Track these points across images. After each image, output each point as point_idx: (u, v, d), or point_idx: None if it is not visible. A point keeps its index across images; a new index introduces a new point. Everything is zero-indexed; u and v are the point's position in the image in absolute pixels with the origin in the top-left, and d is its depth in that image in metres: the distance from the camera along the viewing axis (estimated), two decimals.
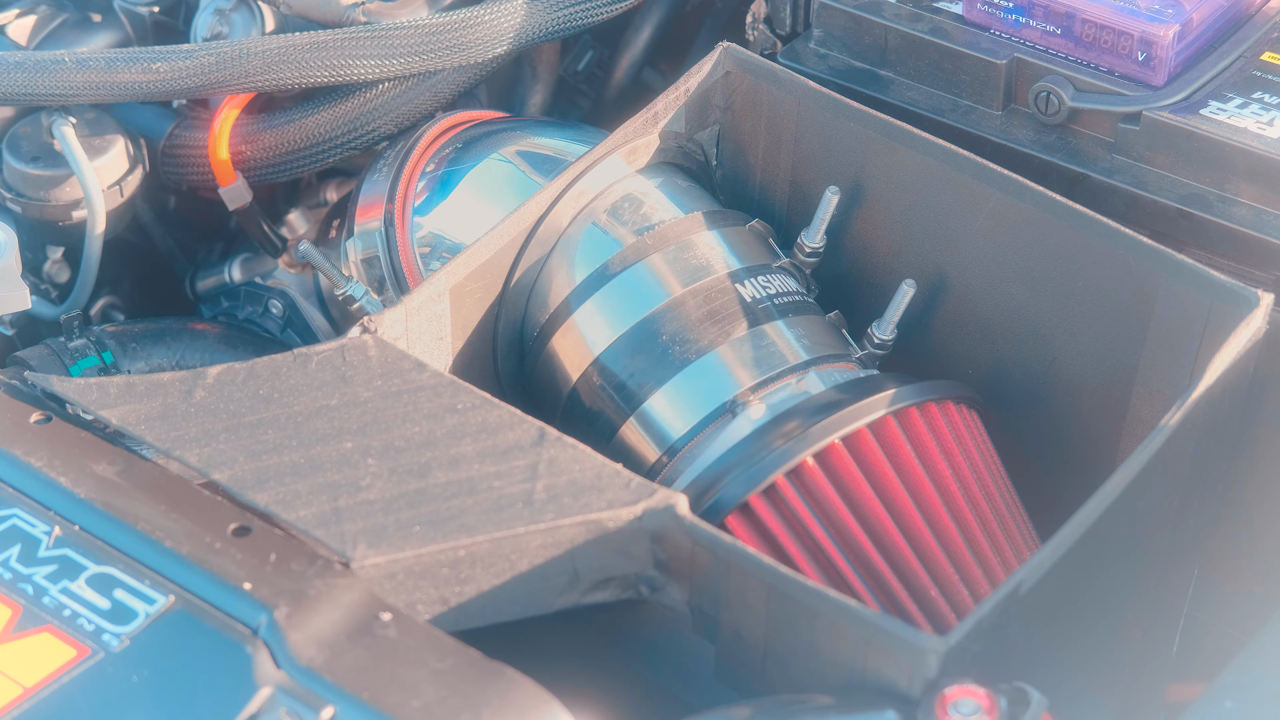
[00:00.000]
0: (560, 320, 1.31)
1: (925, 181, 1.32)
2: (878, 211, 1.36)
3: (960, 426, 1.26)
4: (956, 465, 1.23)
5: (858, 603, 1.05)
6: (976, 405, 1.29)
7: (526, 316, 1.33)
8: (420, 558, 1.09)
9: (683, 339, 1.28)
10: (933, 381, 1.25)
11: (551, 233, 1.32)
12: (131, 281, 1.59)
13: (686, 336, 1.28)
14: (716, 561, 1.10)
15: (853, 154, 1.35)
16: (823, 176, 1.37)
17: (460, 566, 1.10)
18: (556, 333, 1.32)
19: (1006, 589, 1.06)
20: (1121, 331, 1.27)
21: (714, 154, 1.42)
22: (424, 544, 1.09)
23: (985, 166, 1.29)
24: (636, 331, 1.29)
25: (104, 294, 1.56)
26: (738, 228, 1.35)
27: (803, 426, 1.20)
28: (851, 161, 1.35)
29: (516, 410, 1.17)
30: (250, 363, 1.20)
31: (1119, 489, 1.10)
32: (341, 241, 1.50)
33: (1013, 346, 1.33)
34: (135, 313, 1.59)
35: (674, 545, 1.11)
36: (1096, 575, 1.14)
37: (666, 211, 1.34)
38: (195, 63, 1.41)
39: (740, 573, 1.09)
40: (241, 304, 1.56)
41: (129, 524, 1.08)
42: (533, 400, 1.34)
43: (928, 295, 1.35)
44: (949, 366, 1.35)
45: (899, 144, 1.32)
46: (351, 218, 1.48)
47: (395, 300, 1.35)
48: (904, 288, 1.32)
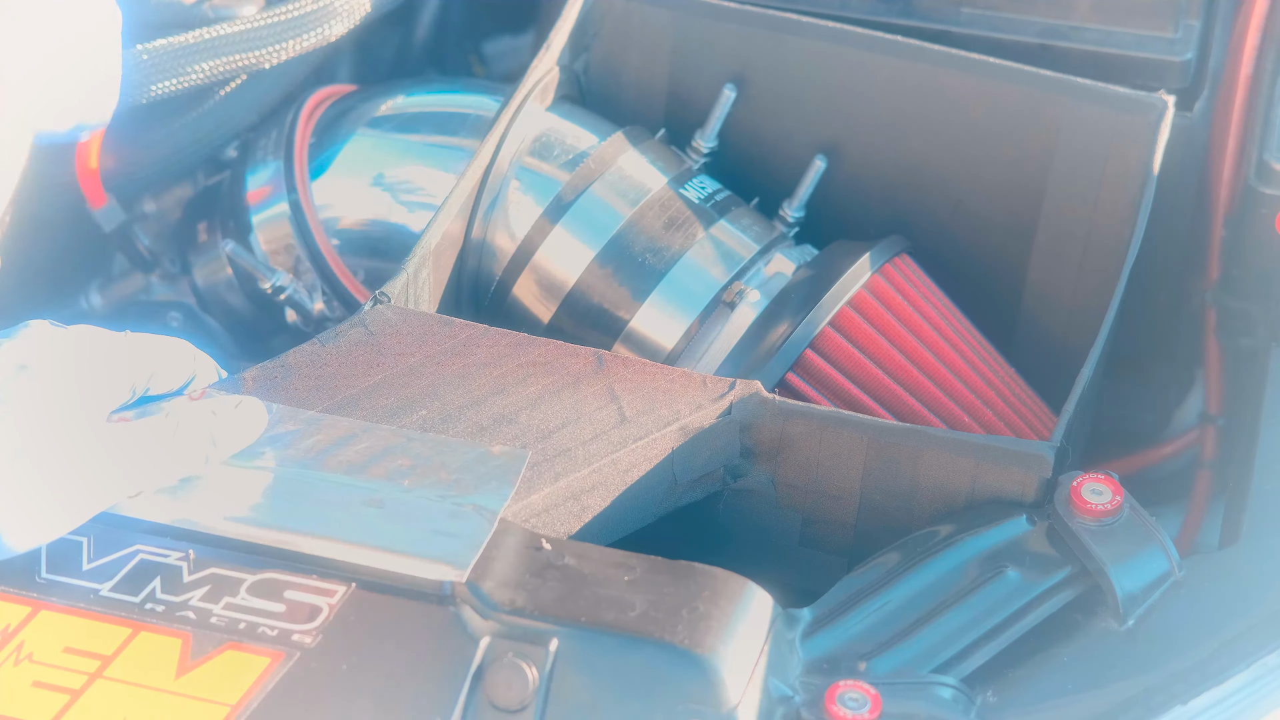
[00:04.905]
0: (523, 261, 1.36)
1: (815, 65, 1.42)
2: (766, 103, 1.45)
3: (920, 274, 1.37)
4: (935, 305, 1.35)
5: (962, 433, 1.16)
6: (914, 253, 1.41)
7: (485, 267, 1.37)
8: (546, 496, 1.13)
9: (655, 249, 1.34)
10: (889, 239, 1.36)
11: (497, 181, 1.36)
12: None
13: (657, 246, 1.34)
14: (811, 432, 1.18)
15: (735, 54, 1.44)
16: (705, 82, 1.45)
17: (580, 496, 1.15)
18: (521, 274, 1.36)
19: (1079, 389, 1.18)
20: (1026, 163, 1.40)
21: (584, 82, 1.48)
22: (548, 482, 1.13)
23: (879, 38, 1.40)
24: (608, 252, 1.34)
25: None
26: (652, 141, 1.42)
27: (810, 301, 1.29)
28: (734, 62, 1.44)
29: (560, 342, 1.22)
30: (280, 359, 1.20)
31: (1124, 283, 1.25)
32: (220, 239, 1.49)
33: (916, 199, 1.45)
34: None
35: (761, 430, 1.18)
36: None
37: (587, 140, 1.40)
38: None
39: (836, 435, 1.18)
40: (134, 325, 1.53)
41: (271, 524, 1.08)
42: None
43: (828, 168, 1.45)
44: (854, 227, 1.46)
45: (785, 34, 1.42)
46: (242, 212, 1.47)
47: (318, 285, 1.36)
48: (815, 163, 1.42)
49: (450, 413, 1.16)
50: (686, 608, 1.04)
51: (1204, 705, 1.06)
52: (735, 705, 1.00)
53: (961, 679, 1.06)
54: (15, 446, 1.00)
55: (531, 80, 1.38)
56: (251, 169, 1.47)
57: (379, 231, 1.48)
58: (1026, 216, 1.42)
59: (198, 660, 1.05)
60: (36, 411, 1.02)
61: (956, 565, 1.12)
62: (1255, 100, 1.44)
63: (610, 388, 1.19)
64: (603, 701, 1.01)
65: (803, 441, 1.18)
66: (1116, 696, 1.06)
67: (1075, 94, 1.36)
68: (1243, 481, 1.22)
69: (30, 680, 1.04)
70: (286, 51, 1.44)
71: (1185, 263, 1.49)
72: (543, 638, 1.03)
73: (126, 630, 1.05)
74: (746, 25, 1.42)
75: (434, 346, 1.21)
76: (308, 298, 1.43)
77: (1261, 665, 1.07)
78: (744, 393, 1.18)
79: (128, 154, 1.47)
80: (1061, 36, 1.45)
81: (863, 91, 1.42)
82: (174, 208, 1.57)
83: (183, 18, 1.46)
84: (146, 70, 1.39)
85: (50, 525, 1.01)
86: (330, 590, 1.06)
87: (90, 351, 1.06)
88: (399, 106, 1.51)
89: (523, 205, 1.36)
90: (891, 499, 1.19)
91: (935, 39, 1.46)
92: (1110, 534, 1.11)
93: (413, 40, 1.73)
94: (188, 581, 1.08)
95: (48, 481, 1.00)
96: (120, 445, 1.04)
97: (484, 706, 1.01)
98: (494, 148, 1.35)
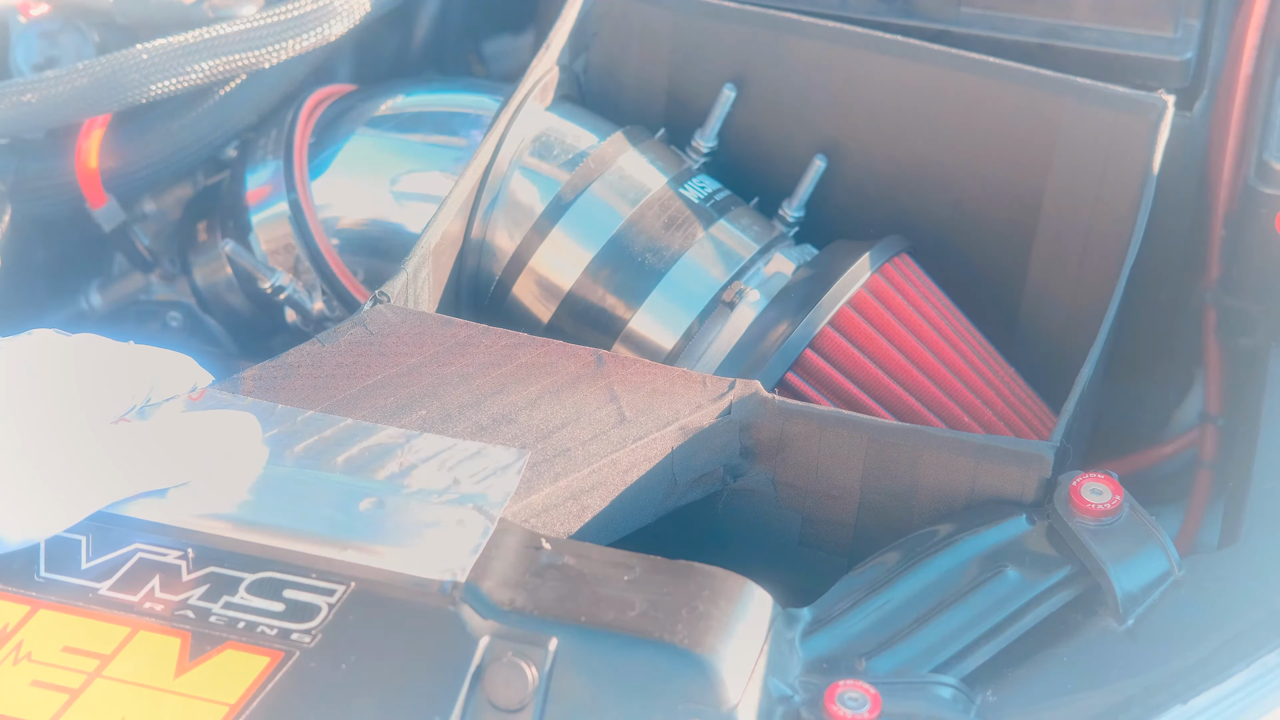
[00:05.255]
0: (523, 261, 1.36)
1: (815, 65, 1.42)
2: (766, 103, 1.45)
3: (920, 274, 1.37)
4: (935, 305, 1.34)
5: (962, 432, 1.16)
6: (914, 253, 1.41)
7: (485, 267, 1.37)
8: (546, 496, 1.13)
9: (654, 249, 1.34)
10: (889, 239, 1.36)
11: (496, 180, 1.36)
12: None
13: (657, 245, 1.34)
14: (811, 432, 1.18)
15: (735, 54, 1.44)
16: (705, 82, 1.45)
17: (580, 496, 1.15)
18: (521, 274, 1.36)
19: (1079, 389, 1.18)
20: (1026, 163, 1.40)
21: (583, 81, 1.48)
22: (548, 482, 1.13)
23: (879, 38, 1.40)
24: (607, 252, 1.34)
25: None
26: (652, 141, 1.42)
27: (809, 301, 1.29)
28: (734, 62, 1.44)
29: (560, 342, 1.22)
30: (280, 359, 1.20)
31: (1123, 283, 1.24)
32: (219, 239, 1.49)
33: (916, 198, 1.45)
34: None
35: (761, 429, 1.18)
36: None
37: (587, 140, 1.40)
38: (70, 87, 1.38)
39: (836, 435, 1.17)
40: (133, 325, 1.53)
41: (269, 524, 1.08)
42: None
43: (828, 168, 1.45)
44: (854, 227, 1.46)
45: (786, 34, 1.42)
46: (242, 212, 1.47)
47: (317, 285, 1.36)
48: (815, 163, 1.42)
49: (450, 413, 1.16)
50: (686, 607, 1.04)
51: (1204, 705, 1.06)
52: (735, 705, 1.00)
53: (961, 678, 1.06)
54: (15, 444, 1.00)
55: (531, 80, 1.39)
56: (251, 169, 1.48)
57: (379, 231, 1.48)
58: (1026, 216, 1.42)
59: (197, 660, 1.05)
60: (38, 412, 1.02)
61: (956, 565, 1.12)
62: (1255, 100, 1.44)
63: (610, 388, 1.19)
64: (602, 701, 1.01)
65: (802, 441, 1.18)
66: (1116, 696, 1.06)
67: (1075, 94, 1.36)
68: (1242, 481, 1.22)
69: (29, 679, 1.04)
70: (286, 51, 1.44)
71: (1185, 263, 1.49)
72: (542, 637, 1.03)
73: (125, 629, 1.05)
74: (746, 25, 1.42)
75: (434, 346, 1.21)
76: (307, 297, 1.43)
77: (1261, 665, 1.07)
78: (744, 392, 1.18)
79: (128, 154, 1.47)
80: (1061, 36, 1.45)
81: (863, 91, 1.42)
82: (174, 208, 1.57)
83: (183, 18, 1.46)
84: (146, 70, 1.40)
85: (46, 521, 1.01)
86: (329, 590, 1.06)
87: (93, 359, 1.07)
88: (399, 106, 1.51)
89: (522, 205, 1.36)
90: (891, 499, 1.19)
91: (935, 39, 1.46)
92: (1110, 534, 1.11)
93: (413, 40, 1.73)
94: (186, 581, 1.07)
95: (45, 477, 1.00)
96: (120, 445, 1.04)
97: (483, 706, 1.01)
98: (494, 148, 1.35)
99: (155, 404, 1.12)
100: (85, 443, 1.03)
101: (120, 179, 1.48)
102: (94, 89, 1.38)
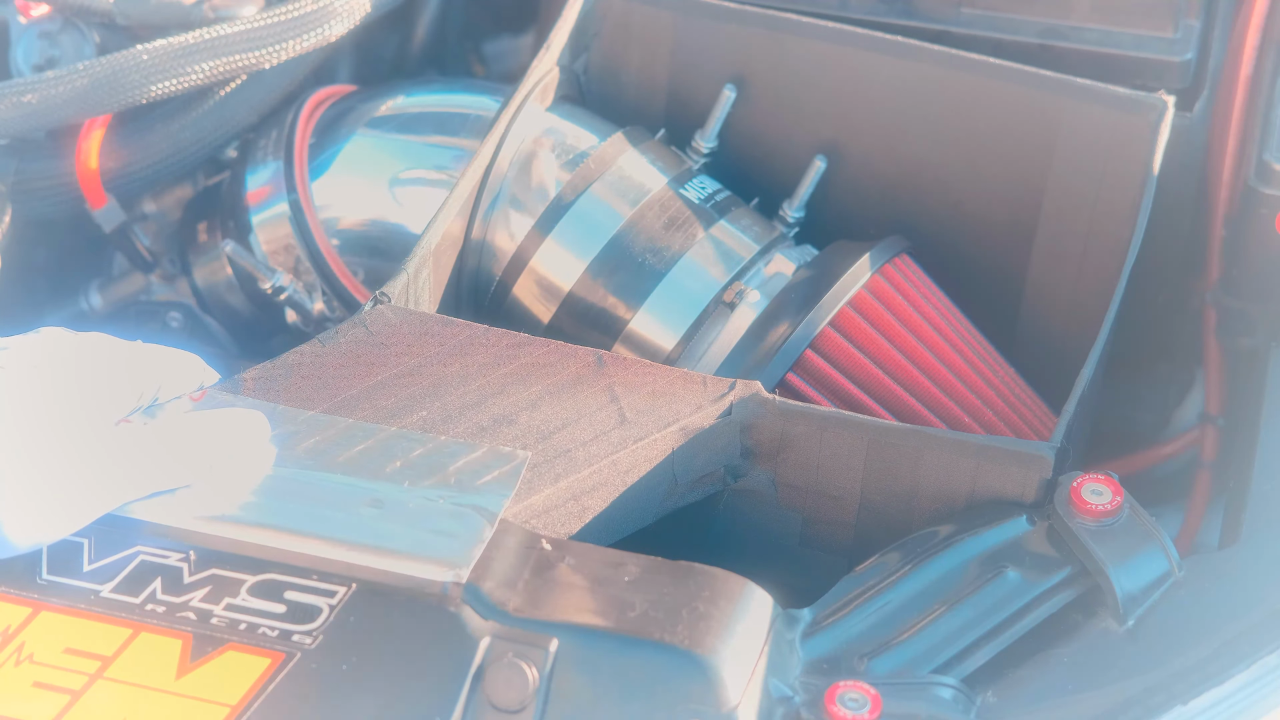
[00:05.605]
0: (523, 261, 1.36)
1: (815, 65, 1.42)
2: (766, 103, 1.45)
3: (920, 274, 1.37)
4: (935, 305, 1.35)
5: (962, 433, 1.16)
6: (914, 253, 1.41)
7: (485, 268, 1.37)
8: (546, 497, 1.13)
9: (654, 249, 1.34)
10: (889, 239, 1.36)
11: (497, 181, 1.36)
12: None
13: (657, 246, 1.34)
14: (811, 433, 1.18)
15: (735, 55, 1.44)
16: (705, 83, 1.45)
17: (581, 497, 1.15)
18: (521, 274, 1.36)
19: (1079, 389, 1.18)
20: (1026, 163, 1.40)
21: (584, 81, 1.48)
22: (548, 483, 1.13)
23: (879, 38, 1.40)
24: (608, 252, 1.34)
25: None
26: (652, 141, 1.42)
27: (810, 301, 1.29)
28: (734, 62, 1.44)
29: (561, 342, 1.22)
30: (280, 359, 1.20)
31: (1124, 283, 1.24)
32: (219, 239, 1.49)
33: (916, 199, 1.45)
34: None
35: (762, 430, 1.18)
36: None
37: (587, 140, 1.40)
38: (70, 88, 1.38)
39: (836, 435, 1.18)
40: (133, 326, 1.53)
41: (270, 526, 1.08)
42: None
43: (828, 168, 1.45)
44: (854, 227, 1.46)
45: (786, 34, 1.42)
46: (242, 212, 1.47)
47: (318, 285, 1.36)
48: (815, 163, 1.42)
49: (450, 413, 1.16)
50: (686, 608, 1.04)
51: (1204, 705, 1.06)
52: (735, 705, 1.00)
53: (962, 679, 1.06)
54: (24, 446, 1.00)
55: (531, 80, 1.39)
56: (251, 169, 1.48)
57: (379, 231, 1.48)
58: (1026, 216, 1.42)
59: (198, 661, 1.05)
60: (44, 411, 1.02)
61: (956, 565, 1.12)
62: (1255, 100, 1.44)
63: (610, 388, 1.19)
64: (602, 702, 1.01)
65: (803, 442, 1.18)
66: (1116, 696, 1.06)
67: (1075, 94, 1.36)
68: (1243, 481, 1.22)
69: (31, 681, 1.04)
70: (286, 52, 1.44)
71: (1185, 263, 1.49)
72: (543, 638, 1.03)
73: (127, 631, 1.05)
74: (746, 25, 1.42)
75: (434, 347, 1.21)
76: (308, 298, 1.43)
77: (1261, 665, 1.07)
78: (744, 393, 1.18)
79: (128, 154, 1.47)
80: (1061, 36, 1.45)
81: (863, 91, 1.42)
82: (174, 208, 1.57)
83: (183, 18, 1.46)
84: (146, 71, 1.40)
85: (52, 525, 1.01)
86: (330, 591, 1.06)
87: (100, 357, 1.07)
88: (399, 107, 1.51)
89: (523, 206, 1.36)
90: (892, 499, 1.19)
91: (935, 39, 1.46)
92: (1110, 534, 1.11)
93: (413, 40, 1.73)
94: (188, 582, 1.07)
95: (49, 481, 1.00)
96: (123, 448, 1.04)
97: (484, 707, 1.01)
98: (494, 148, 1.35)
99: (162, 403, 1.12)
100: (92, 446, 1.03)
101: (120, 179, 1.48)
102: (94, 89, 1.39)
